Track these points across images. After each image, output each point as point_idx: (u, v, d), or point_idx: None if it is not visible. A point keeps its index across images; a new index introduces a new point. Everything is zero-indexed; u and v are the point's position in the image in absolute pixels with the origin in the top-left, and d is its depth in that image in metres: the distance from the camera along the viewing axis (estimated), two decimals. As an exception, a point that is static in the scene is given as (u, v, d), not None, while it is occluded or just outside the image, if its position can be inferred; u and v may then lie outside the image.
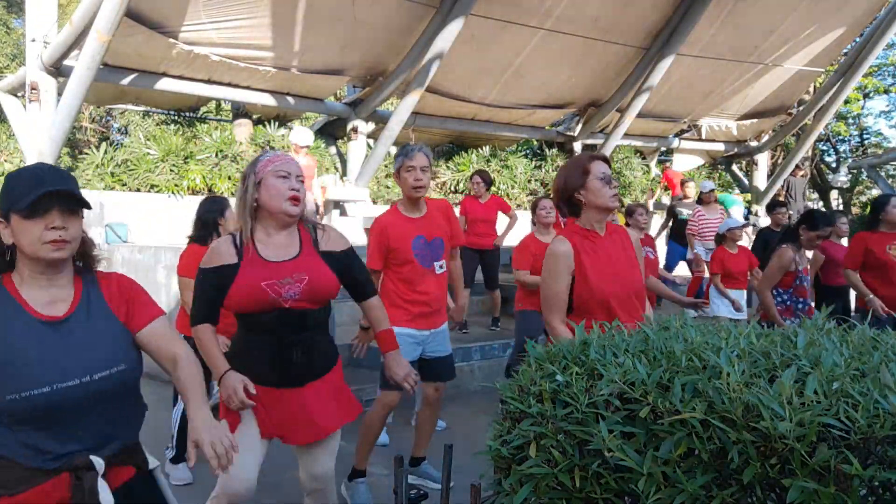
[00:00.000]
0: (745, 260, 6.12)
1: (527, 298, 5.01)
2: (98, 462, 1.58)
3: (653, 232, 9.21)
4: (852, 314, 5.27)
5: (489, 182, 7.10)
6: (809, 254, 5.44)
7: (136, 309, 1.71)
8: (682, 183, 10.14)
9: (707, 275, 6.66)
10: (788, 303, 4.51)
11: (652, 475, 1.23)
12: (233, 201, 4.34)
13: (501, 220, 7.28)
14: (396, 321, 3.33)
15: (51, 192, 1.53)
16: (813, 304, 4.56)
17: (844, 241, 6.36)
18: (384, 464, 3.93)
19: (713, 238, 7.15)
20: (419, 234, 3.38)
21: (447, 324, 3.62)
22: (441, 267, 3.45)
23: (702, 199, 8.43)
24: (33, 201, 1.51)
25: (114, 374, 1.61)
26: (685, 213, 8.79)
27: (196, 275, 2.27)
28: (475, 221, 6.95)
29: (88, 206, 1.61)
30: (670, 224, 9.36)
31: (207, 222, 3.86)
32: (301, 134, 8.05)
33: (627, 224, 5.95)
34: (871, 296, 4.66)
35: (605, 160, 2.64)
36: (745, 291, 6.18)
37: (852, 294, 5.73)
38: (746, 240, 10.89)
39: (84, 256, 1.69)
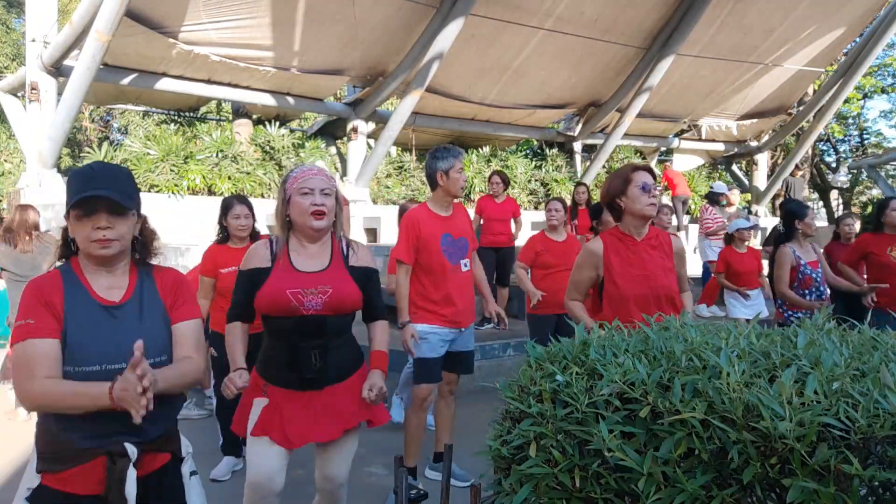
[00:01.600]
0: (754, 260, 6.17)
1: (529, 302, 5.02)
2: (132, 450, 1.67)
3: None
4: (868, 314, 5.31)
5: (507, 182, 7.19)
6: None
7: (177, 303, 1.83)
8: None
9: None
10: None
11: (652, 475, 1.23)
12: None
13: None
14: (427, 321, 3.48)
15: (90, 196, 1.64)
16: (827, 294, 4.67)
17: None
18: (384, 463, 3.93)
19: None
20: (447, 231, 3.52)
21: (473, 325, 3.72)
22: (466, 265, 3.58)
23: (717, 200, 8.60)
24: (76, 203, 1.65)
25: (157, 363, 1.70)
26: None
27: (237, 275, 2.42)
28: (491, 220, 6.98)
29: (131, 209, 1.72)
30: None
31: (219, 223, 3.99)
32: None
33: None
34: (865, 286, 4.87)
35: (650, 171, 2.81)
36: (760, 290, 6.21)
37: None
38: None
39: (143, 248, 1.82)
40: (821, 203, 23.12)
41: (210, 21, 8.65)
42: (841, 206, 23.12)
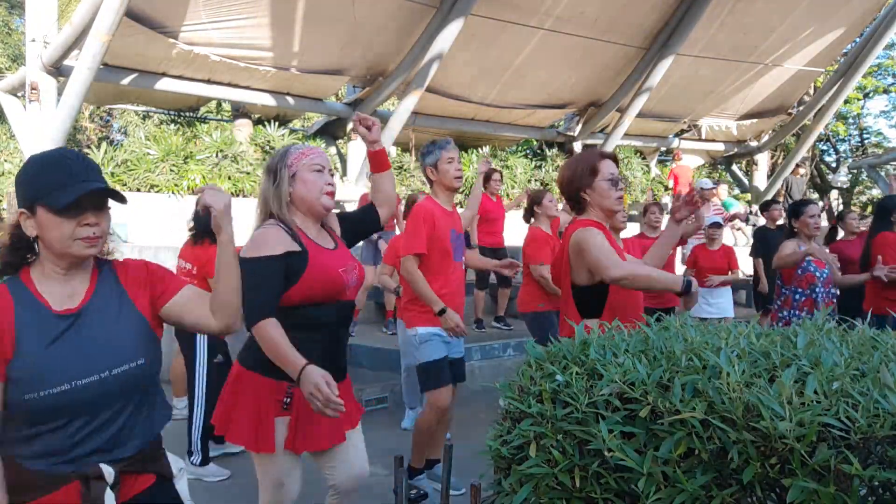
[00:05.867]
0: (724, 258, 6.01)
1: (534, 300, 4.76)
2: (108, 471, 1.50)
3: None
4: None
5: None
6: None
7: (160, 286, 1.64)
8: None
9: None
10: (787, 294, 4.52)
11: (652, 475, 1.23)
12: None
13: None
14: (428, 321, 3.30)
15: (94, 190, 1.46)
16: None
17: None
18: (384, 463, 3.92)
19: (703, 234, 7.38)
20: (453, 226, 3.37)
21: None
22: (464, 263, 3.45)
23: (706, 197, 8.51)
24: (77, 199, 1.43)
25: (132, 369, 1.53)
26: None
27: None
28: (492, 220, 6.71)
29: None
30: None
31: (199, 219, 3.94)
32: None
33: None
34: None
35: (614, 159, 2.59)
36: (728, 291, 6.12)
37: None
38: (744, 239, 10.88)
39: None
40: (821, 203, 23.11)
41: (210, 21, 8.64)
42: (841, 207, 23.12)
